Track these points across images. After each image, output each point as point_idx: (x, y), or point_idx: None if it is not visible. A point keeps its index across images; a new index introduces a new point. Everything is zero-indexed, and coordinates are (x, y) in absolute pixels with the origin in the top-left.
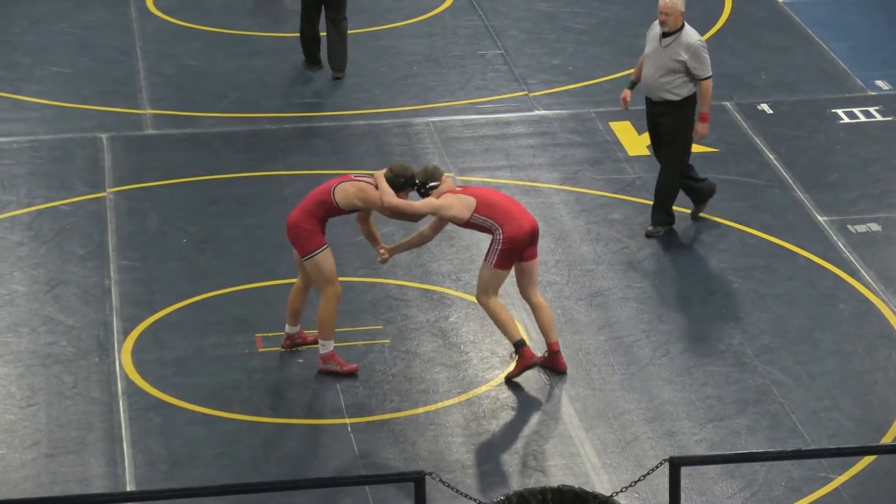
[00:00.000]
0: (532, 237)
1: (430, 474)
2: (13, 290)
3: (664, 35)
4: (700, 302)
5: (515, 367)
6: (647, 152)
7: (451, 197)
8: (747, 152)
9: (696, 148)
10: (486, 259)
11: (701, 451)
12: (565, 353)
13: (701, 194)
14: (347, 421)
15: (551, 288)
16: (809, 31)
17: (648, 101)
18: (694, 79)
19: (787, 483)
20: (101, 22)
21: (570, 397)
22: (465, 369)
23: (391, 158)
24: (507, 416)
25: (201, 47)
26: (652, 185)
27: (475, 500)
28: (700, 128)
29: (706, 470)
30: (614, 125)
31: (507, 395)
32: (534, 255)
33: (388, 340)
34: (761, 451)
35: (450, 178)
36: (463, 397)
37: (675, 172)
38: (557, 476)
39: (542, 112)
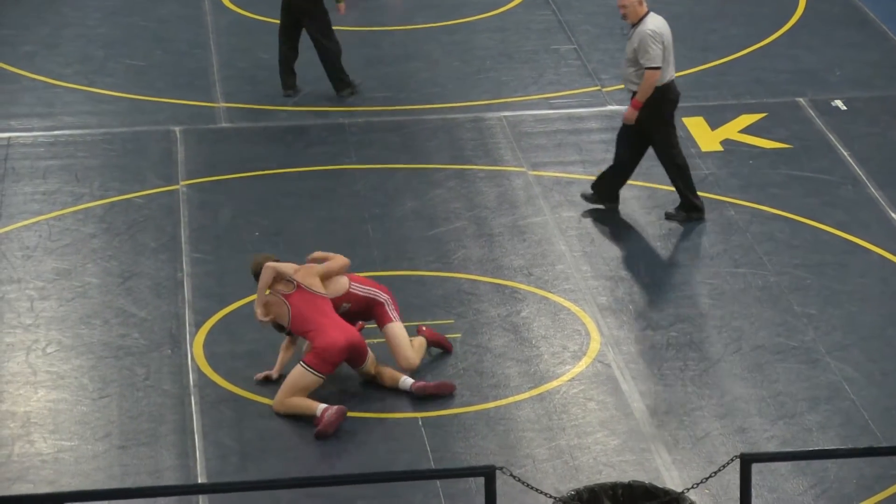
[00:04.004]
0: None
1: (501, 469)
2: (86, 283)
3: (631, 27)
4: (772, 298)
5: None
6: (720, 148)
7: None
8: (821, 149)
9: (770, 144)
10: (391, 320)
11: (772, 447)
12: (637, 349)
13: (611, 188)
14: (418, 415)
15: (623, 283)
16: (884, 27)
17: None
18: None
19: (859, 480)
20: (174, 15)
21: (641, 393)
22: (535, 364)
23: (462, 153)
24: (577, 411)
25: (275, 41)
26: (726, 180)
27: (546, 494)
28: (627, 112)
29: (777, 467)
30: (687, 121)
31: (577, 390)
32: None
33: (459, 335)
34: (833, 448)
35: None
36: (534, 392)
37: (674, 158)
38: (628, 472)
39: (615, 107)
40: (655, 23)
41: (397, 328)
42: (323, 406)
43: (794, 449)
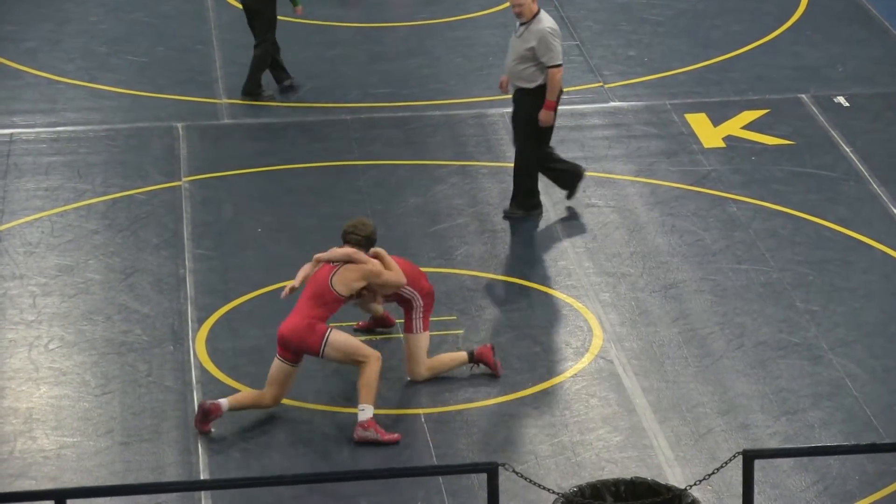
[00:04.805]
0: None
1: (504, 465)
2: (88, 279)
3: (521, 24)
4: (774, 294)
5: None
6: (722, 144)
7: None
8: (823, 145)
9: (772, 141)
10: (411, 330)
11: (774, 444)
12: (639, 345)
13: (566, 177)
14: (421, 411)
15: (625, 280)
16: (887, 24)
17: (512, 88)
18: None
19: (861, 477)
20: (177, 11)
21: (644, 389)
22: (538, 360)
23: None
24: (580, 407)
25: (277, 37)
26: (728, 177)
27: (548, 490)
28: (542, 115)
29: (780, 463)
30: (689, 117)
31: (580, 386)
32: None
33: (461, 331)
34: (835, 444)
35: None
36: (536, 388)
37: (528, 156)
38: (630, 468)
39: (618, 103)
40: (550, 20)
41: (413, 339)
42: (205, 402)
43: (797, 445)
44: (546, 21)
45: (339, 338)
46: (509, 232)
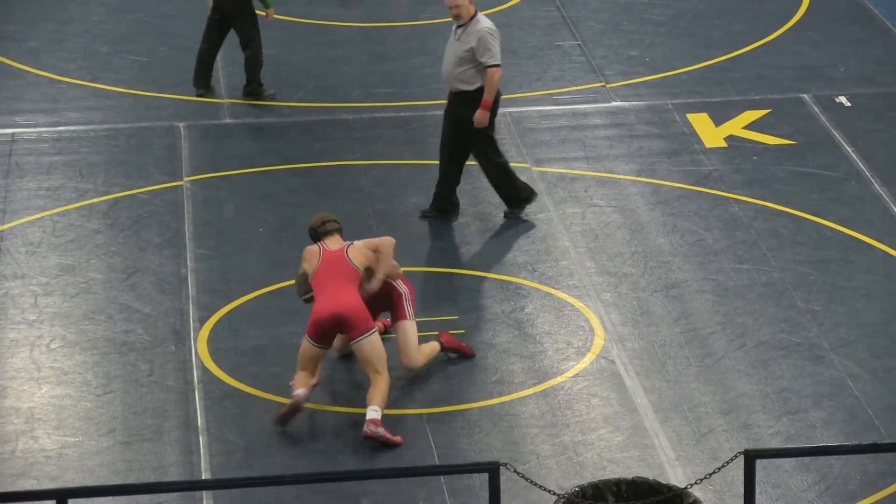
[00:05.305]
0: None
1: (505, 465)
2: (90, 278)
3: (458, 27)
4: (776, 294)
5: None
6: (724, 144)
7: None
8: (825, 145)
9: (774, 141)
10: (405, 317)
11: (776, 443)
12: (641, 345)
13: (448, 203)
14: (422, 411)
15: (627, 280)
16: (888, 24)
17: (449, 93)
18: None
19: (863, 477)
20: (178, 11)
21: (645, 389)
22: (540, 360)
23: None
24: (581, 407)
25: (279, 37)
26: (730, 177)
27: (550, 490)
28: (478, 115)
29: (781, 463)
30: (691, 117)
31: (581, 386)
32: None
33: (463, 331)
34: (837, 444)
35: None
36: (538, 388)
37: (496, 158)
38: (632, 468)
39: (619, 103)
40: (488, 21)
41: (409, 326)
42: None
43: (798, 445)
44: (484, 22)
45: (378, 341)
46: (510, 232)
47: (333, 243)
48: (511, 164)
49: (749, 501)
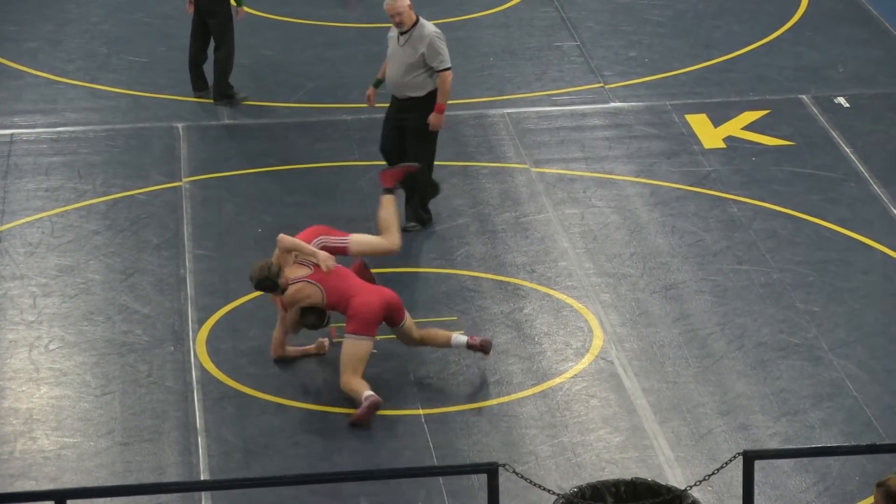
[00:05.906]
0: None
1: (504, 465)
2: (89, 279)
3: (402, 34)
4: (774, 295)
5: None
6: (723, 145)
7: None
8: (824, 145)
9: (773, 141)
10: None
11: (775, 444)
12: (640, 346)
13: (415, 208)
14: (421, 412)
15: (626, 280)
16: (887, 25)
17: (394, 99)
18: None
19: (862, 477)
20: (177, 11)
21: (644, 390)
22: (538, 361)
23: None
24: (580, 407)
25: (278, 37)
26: (729, 177)
27: (548, 491)
28: (433, 118)
29: (780, 464)
30: (690, 118)
31: (580, 387)
32: None
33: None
34: (835, 445)
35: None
36: (536, 389)
37: (431, 169)
38: (631, 468)
39: (618, 104)
40: (432, 25)
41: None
42: (368, 392)
43: (797, 446)
44: (429, 26)
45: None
46: (510, 232)
47: (297, 270)
48: (504, 165)
49: (748, 502)
